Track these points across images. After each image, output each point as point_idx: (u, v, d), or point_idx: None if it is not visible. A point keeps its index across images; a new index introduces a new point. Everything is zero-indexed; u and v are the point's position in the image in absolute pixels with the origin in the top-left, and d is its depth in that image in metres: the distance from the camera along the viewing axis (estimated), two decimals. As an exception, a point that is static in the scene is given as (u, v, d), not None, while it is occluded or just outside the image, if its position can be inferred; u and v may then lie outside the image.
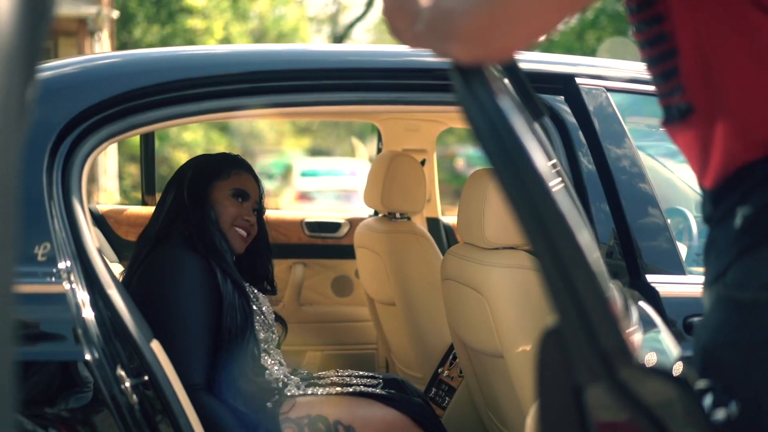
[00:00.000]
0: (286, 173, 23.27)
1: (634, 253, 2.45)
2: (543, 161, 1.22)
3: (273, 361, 2.70)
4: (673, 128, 1.40)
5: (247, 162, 2.89)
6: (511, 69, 1.64)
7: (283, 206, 17.24)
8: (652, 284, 2.39)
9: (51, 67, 2.30)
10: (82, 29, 14.76)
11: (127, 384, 2.06)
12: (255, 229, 2.83)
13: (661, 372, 1.22)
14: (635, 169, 2.53)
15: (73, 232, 2.13)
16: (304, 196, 18.97)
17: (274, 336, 2.77)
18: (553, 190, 1.20)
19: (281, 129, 26.40)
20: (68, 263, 2.08)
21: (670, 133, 1.42)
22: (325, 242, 4.38)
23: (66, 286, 2.05)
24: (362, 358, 4.23)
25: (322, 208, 16.48)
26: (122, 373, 2.06)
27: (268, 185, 22.86)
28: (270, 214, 4.38)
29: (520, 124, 1.23)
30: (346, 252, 4.23)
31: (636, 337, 1.42)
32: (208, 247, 2.62)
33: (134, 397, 2.07)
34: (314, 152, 27.72)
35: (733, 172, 1.30)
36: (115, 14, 16.50)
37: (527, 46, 1.27)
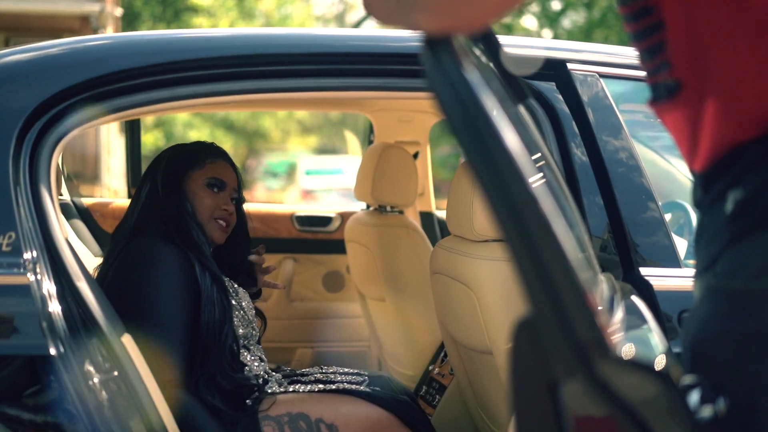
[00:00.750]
0: (290, 172, 23.28)
1: (628, 247, 2.38)
2: (513, 139, 1.13)
3: (253, 357, 2.62)
4: (660, 107, 1.33)
5: (222, 149, 2.80)
6: (493, 48, 1.56)
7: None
8: (646, 277, 2.32)
9: (19, 51, 2.23)
10: (85, 27, 14.70)
11: (96, 380, 1.98)
12: (234, 219, 2.74)
13: (641, 366, 1.14)
14: (630, 161, 2.46)
15: (41, 221, 2.06)
16: (308, 195, 18.97)
17: (254, 332, 2.69)
18: (525, 170, 1.11)
19: (287, 127, 26.40)
20: (34, 254, 2.01)
21: (657, 112, 1.35)
22: (316, 237, 4.31)
23: (31, 277, 1.98)
24: (354, 355, 4.15)
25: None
26: (90, 368, 1.99)
27: (272, 184, 22.87)
28: (259, 207, 4.33)
29: (489, 99, 1.15)
30: (338, 247, 4.15)
31: (617, 330, 1.33)
32: (186, 239, 2.54)
33: (103, 393, 1.99)
34: (320, 151, 27.72)
35: (724, 153, 1.23)
36: (119, 12, 16.45)
37: (498, 17, 1.19)
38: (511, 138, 1.12)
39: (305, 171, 21.22)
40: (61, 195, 3.72)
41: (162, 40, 2.43)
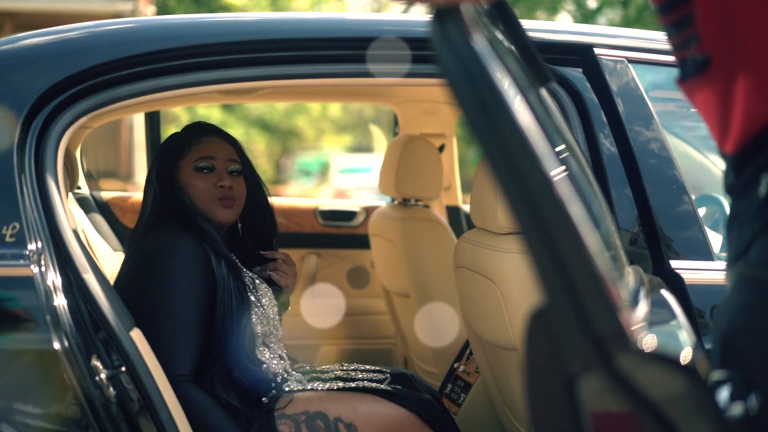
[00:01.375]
0: (323, 170, 23.29)
1: (658, 239, 2.31)
2: (527, 115, 1.05)
3: (272, 355, 2.54)
4: (689, 85, 1.26)
5: (209, 125, 2.68)
6: (515, 31, 1.48)
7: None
8: (677, 271, 2.24)
9: (25, 37, 2.18)
10: (117, 26, 14.75)
11: (103, 375, 1.93)
12: (239, 191, 2.60)
13: (666, 360, 1.05)
14: (661, 152, 2.39)
15: (47, 212, 2.01)
16: (342, 194, 18.96)
17: (275, 330, 2.60)
18: (538, 147, 1.02)
19: (321, 126, 26.45)
20: (39, 245, 1.96)
21: (686, 91, 1.28)
22: (340, 231, 4.26)
23: (35, 269, 1.93)
24: (379, 352, 4.09)
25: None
26: (97, 363, 1.94)
27: (306, 183, 22.90)
28: (283, 202, 4.27)
29: (499, 71, 1.06)
30: (362, 242, 4.08)
31: (641, 323, 1.25)
32: (195, 230, 2.46)
33: (110, 389, 1.93)
34: (354, 149, 27.75)
35: (757, 133, 1.18)
36: (152, 11, 16.50)
37: None
38: (523, 114, 1.04)
39: (339, 170, 21.21)
40: (79, 188, 3.68)
41: (172, 26, 2.37)
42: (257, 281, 2.61)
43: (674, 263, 2.28)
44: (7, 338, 1.92)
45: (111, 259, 3.33)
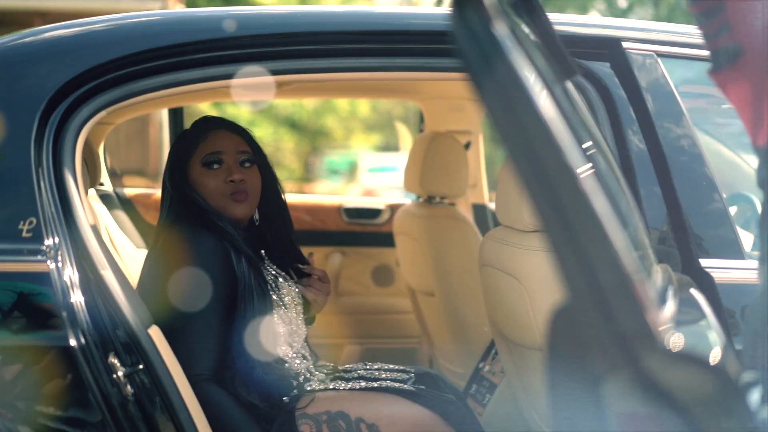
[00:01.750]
0: (352, 169, 23.30)
1: (688, 238, 2.25)
2: (548, 105, 1.00)
3: (295, 354, 2.50)
4: (721, 76, 1.22)
5: (213, 118, 2.60)
6: (541, 22, 1.44)
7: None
8: (707, 269, 2.19)
9: (42, 30, 2.15)
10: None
11: (120, 373, 1.90)
12: (252, 182, 2.52)
13: (694, 360, 1.00)
14: (691, 149, 2.33)
15: (64, 207, 1.98)
16: (370, 193, 18.95)
17: (298, 330, 2.56)
18: (561, 139, 0.98)
19: (350, 126, 26.49)
20: (56, 240, 1.93)
21: (718, 82, 1.24)
22: (365, 229, 4.23)
23: (52, 264, 1.90)
24: (404, 352, 4.06)
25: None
26: (114, 361, 1.91)
27: (334, 182, 22.92)
28: (307, 199, 4.25)
29: (520, 62, 1.02)
30: (387, 240, 4.05)
31: (668, 322, 1.20)
32: (213, 228, 2.42)
33: (128, 387, 1.91)
34: (383, 149, 27.75)
35: None
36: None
37: None
38: (547, 108, 0.99)
39: (367, 169, 21.20)
40: (102, 185, 3.66)
41: (192, 19, 2.34)
42: (280, 279, 2.57)
43: (704, 262, 2.23)
44: (23, 335, 1.90)
45: (134, 256, 3.31)
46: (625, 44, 2.35)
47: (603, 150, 1.71)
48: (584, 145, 1.19)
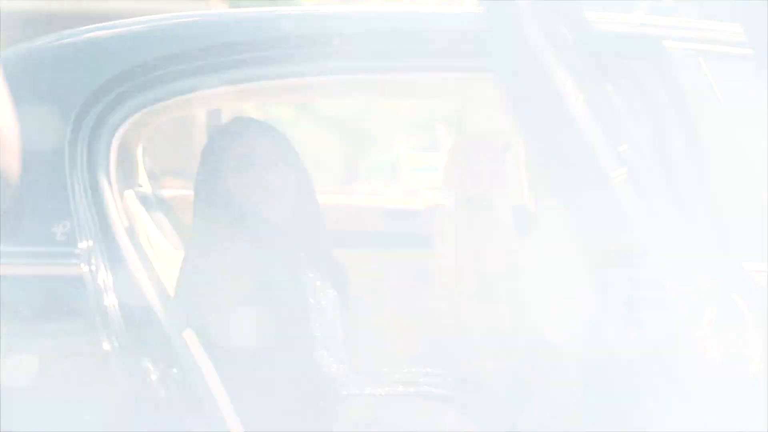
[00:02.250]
0: (394, 169, 23.32)
1: (731, 240, 2.20)
2: (581, 106, 0.98)
3: (332, 358, 2.49)
4: None
5: (241, 120, 2.59)
6: (578, 20, 1.42)
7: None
8: (751, 272, 2.15)
9: (78, 32, 2.15)
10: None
11: (154, 377, 1.90)
12: (281, 184, 2.49)
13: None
14: (733, 148, 2.28)
15: (98, 210, 1.99)
16: (412, 193, 18.93)
17: (335, 332, 2.55)
18: (594, 141, 0.95)
19: (392, 126, 26.61)
20: (90, 243, 1.94)
21: None
22: (404, 231, 4.20)
23: (85, 268, 1.91)
24: (443, 356, 4.02)
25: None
26: (148, 365, 1.90)
27: (376, 181, 22.97)
28: (347, 200, 4.23)
29: (553, 62, 0.99)
30: (426, 242, 4.02)
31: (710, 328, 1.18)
32: (248, 230, 2.41)
33: (161, 391, 1.90)
34: (426, 149, 27.81)
35: None
36: (223, 11, 16.66)
37: None
38: (580, 109, 0.97)
39: (409, 168, 21.21)
40: (140, 186, 3.67)
41: (232, 19, 2.34)
42: (318, 282, 2.55)
43: (748, 265, 2.17)
44: (57, 338, 1.91)
45: (172, 258, 3.31)
46: (665, 42, 2.31)
47: (642, 151, 1.69)
48: (620, 147, 1.16)
